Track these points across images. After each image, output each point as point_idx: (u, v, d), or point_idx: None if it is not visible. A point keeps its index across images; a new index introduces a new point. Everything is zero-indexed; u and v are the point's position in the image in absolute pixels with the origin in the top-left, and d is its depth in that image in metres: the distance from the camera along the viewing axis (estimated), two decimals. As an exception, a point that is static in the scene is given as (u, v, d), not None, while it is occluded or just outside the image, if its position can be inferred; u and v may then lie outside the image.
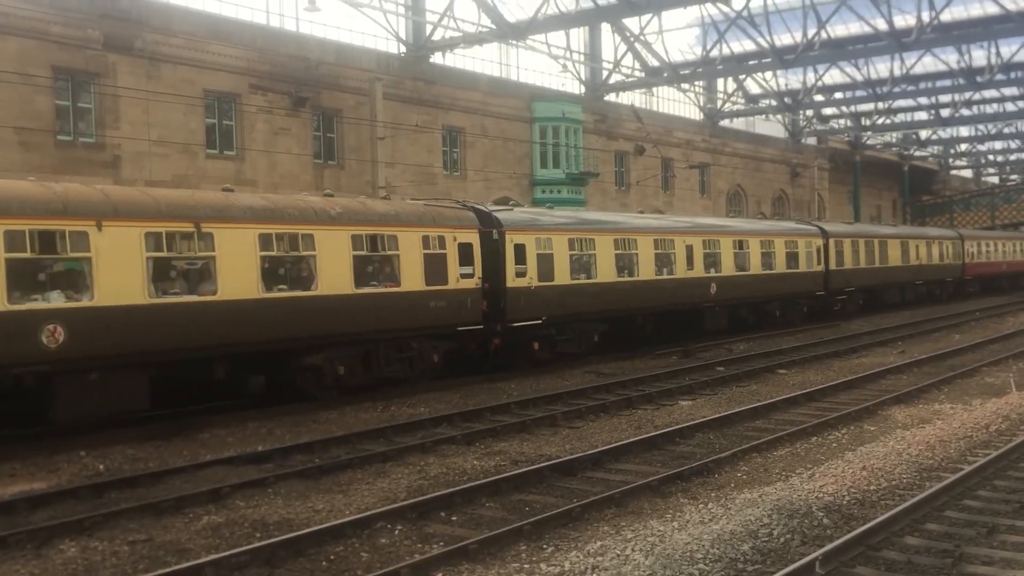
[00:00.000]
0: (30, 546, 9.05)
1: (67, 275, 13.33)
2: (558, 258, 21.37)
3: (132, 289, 13.62)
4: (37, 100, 24.29)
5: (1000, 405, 15.18)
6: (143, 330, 13.77)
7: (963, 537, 8.65)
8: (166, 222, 14.15)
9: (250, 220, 15.29)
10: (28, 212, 12.69)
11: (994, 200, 75.05)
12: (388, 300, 17.39)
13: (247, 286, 15.04)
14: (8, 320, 12.32)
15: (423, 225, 18.39)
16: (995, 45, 43.63)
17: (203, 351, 14.72)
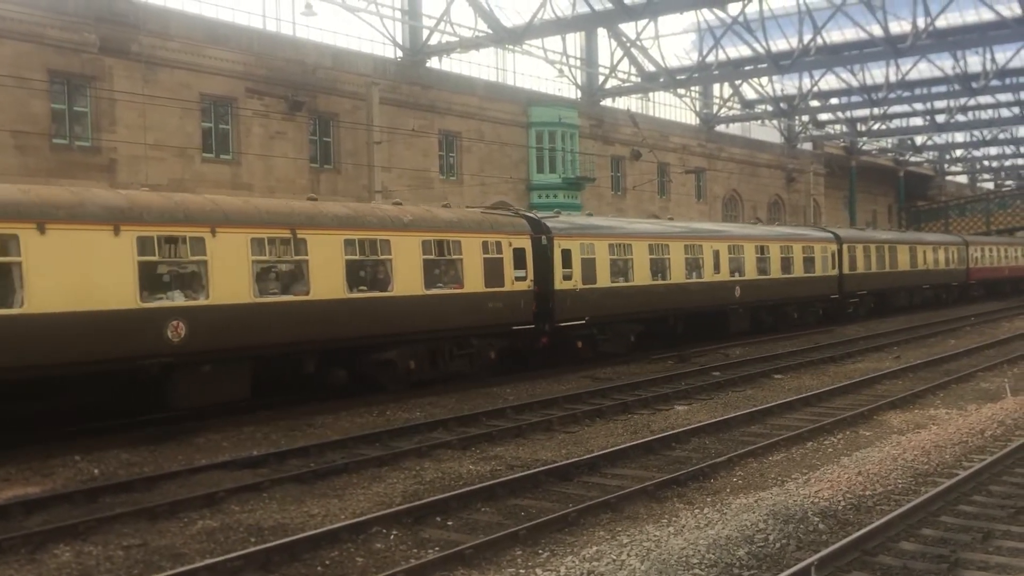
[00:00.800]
0: (24, 551, 9.02)
1: (187, 276, 14.76)
2: (600, 262, 22.79)
3: (240, 289, 15.13)
4: (33, 104, 24.26)
5: (995, 410, 15.21)
6: (248, 326, 15.18)
7: (959, 542, 8.65)
8: (267, 228, 15.66)
9: (336, 227, 16.80)
10: (155, 220, 14.21)
11: (989, 206, 75.22)
12: (453, 301, 18.86)
13: (335, 287, 16.50)
14: (140, 317, 13.84)
15: (483, 231, 19.87)
16: (990, 51, 43.73)
17: (297, 346, 16.19)
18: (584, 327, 22.15)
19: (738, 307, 28.39)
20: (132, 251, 13.83)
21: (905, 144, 69.15)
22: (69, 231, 13.21)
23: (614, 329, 23.51)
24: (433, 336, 18.63)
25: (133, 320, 13.75)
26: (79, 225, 13.37)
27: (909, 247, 41.12)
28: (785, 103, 51.93)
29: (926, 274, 42.45)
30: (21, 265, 12.70)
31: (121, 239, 13.70)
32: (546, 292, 21.14)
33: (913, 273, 41.00)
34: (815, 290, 32.78)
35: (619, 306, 23.27)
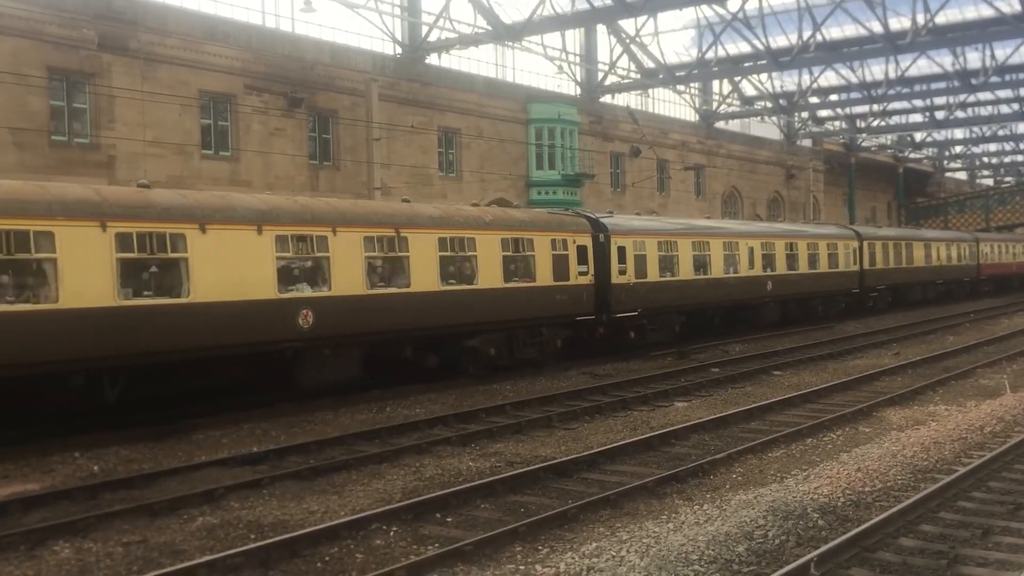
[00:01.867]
0: (24, 547, 9.02)
1: (313, 270, 16.50)
2: (650, 258, 24.67)
3: (355, 282, 16.93)
4: (32, 100, 24.21)
5: (994, 407, 15.22)
6: (361, 315, 16.94)
7: (958, 538, 8.66)
8: (376, 228, 17.45)
9: (431, 226, 18.65)
10: (289, 221, 16.11)
11: (988, 202, 75.20)
12: (526, 293, 20.68)
13: (430, 280, 18.37)
14: (278, 306, 15.63)
15: (551, 230, 21.73)
16: (990, 47, 43.72)
17: (398, 333, 18.07)
18: (636, 318, 23.91)
19: (770, 300, 30.27)
20: (272, 248, 15.67)
21: (904, 141, 69.15)
22: (224, 231, 15.07)
23: (661, 320, 25.25)
24: (510, 325, 20.38)
25: (272, 309, 15.59)
26: (231, 226, 15.23)
27: (924, 244, 42.89)
28: (784, 100, 51.90)
29: (940, 270, 44.22)
30: (188, 260, 14.49)
31: (263, 238, 15.56)
32: (604, 286, 22.86)
33: (928, 269, 42.80)
34: (839, 285, 34.68)
35: (666, 299, 25.14)
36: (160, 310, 14.18)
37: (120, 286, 13.70)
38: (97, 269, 13.43)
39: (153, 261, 14.30)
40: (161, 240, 14.25)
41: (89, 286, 13.33)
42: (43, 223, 13.00)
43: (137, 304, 13.90)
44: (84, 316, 13.23)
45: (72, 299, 13.12)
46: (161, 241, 14.26)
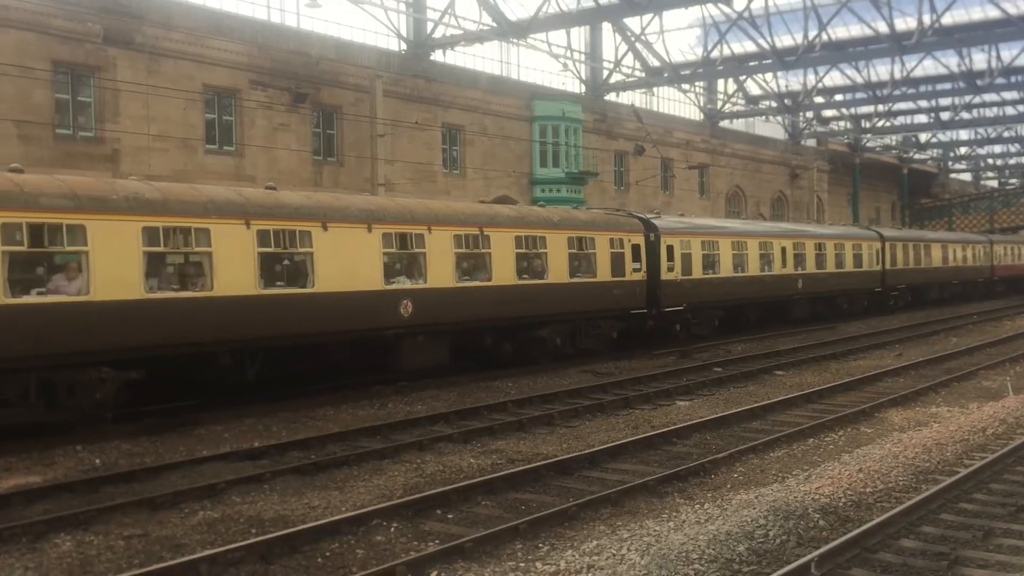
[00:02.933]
0: (25, 540, 9.04)
1: (412, 264, 18.27)
2: (694, 257, 26.32)
3: (446, 275, 18.63)
4: (36, 93, 24.25)
5: (997, 409, 15.19)
6: (450, 306, 18.64)
7: (959, 540, 8.65)
8: (463, 227, 19.14)
9: (509, 225, 20.38)
10: (392, 220, 17.84)
11: (993, 204, 75.03)
12: (588, 288, 22.30)
13: (509, 275, 20.06)
14: (384, 296, 17.38)
15: (609, 230, 23.39)
16: (996, 49, 43.60)
17: (480, 323, 19.66)
18: (682, 312, 25.64)
19: (800, 297, 31.99)
20: (379, 245, 17.36)
21: (909, 141, 68.98)
22: (341, 229, 16.74)
23: (704, 314, 26.97)
24: (574, 317, 22.01)
25: (379, 299, 17.33)
26: (347, 224, 16.89)
27: (942, 245, 44.54)
28: (789, 99, 51.84)
29: (957, 270, 46.01)
30: (313, 255, 16.15)
31: (372, 235, 17.27)
32: (654, 282, 24.49)
33: (945, 270, 44.51)
34: (863, 283, 36.47)
35: (708, 294, 26.84)
36: (290, 299, 15.96)
37: (260, 277, 15.41)
38: (242, 262, 15.15)
39: (285, 255, 16.11)
40: (292, 237, 16.01)
41: (236, 277, 15.04)
42: (201, 221, 14.67)
43: (272, 293, 15.67)
44: (232, 303, 14.96)
45: (223, 288, 14.86)
46: (292, 237, 16.01)
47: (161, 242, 14.20)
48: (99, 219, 13.49)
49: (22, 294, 12.80)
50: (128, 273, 13.73)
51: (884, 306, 38.07)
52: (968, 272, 47.55)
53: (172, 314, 14.20)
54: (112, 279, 13.53)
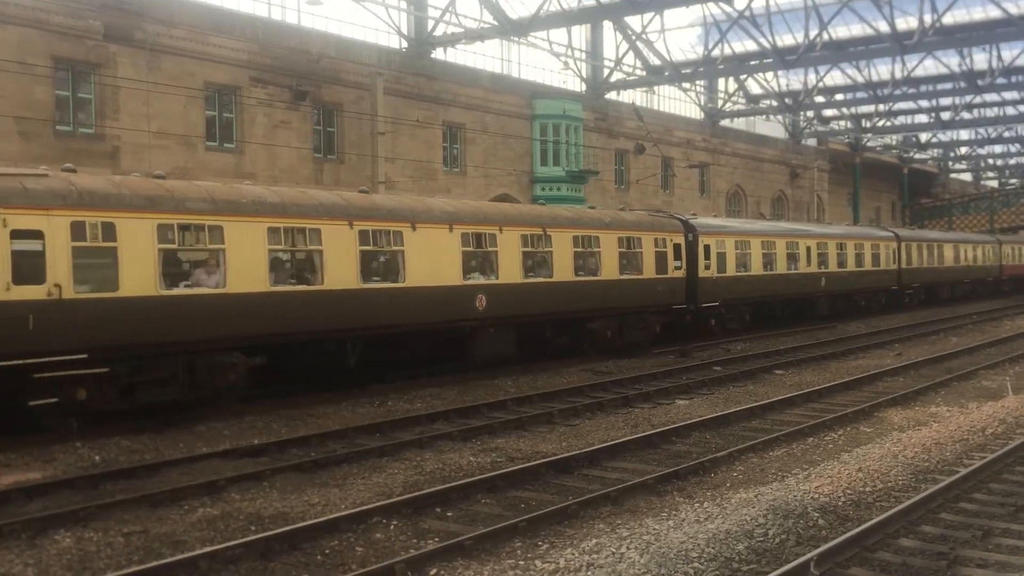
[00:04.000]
0: (25, 536, 9.05)
1: (485, 261, 19.77)
2: (729, 255, 27.91)
3: (515, 272, 20.25)
4: (37, 90, 24.22)
5: (996, 408, 15.19)
6: (518, 300, 20.18)
7: (958, 540, 8.66)
8: (529, 227, 20.75)
9: (568, 226, 21.94)
10: (468, 221, 19.45)
11: (993, 204, 74.99)
12: (636, 284, 23.77)
13: (567, 272, 21.57)
14: (462, 291, 18.91)
15: (654, 230, 24.92)
16: (996, 48, 43.55)
17: (542, 316, 21.20)
18: (717, 308, 27.20)
19: (823, 295, 33.62)
20: (459, 243, 18.89)
21: (910, 141, 68.94)
22: (427, 229, 18.29)
23: (736, 310, 28.50)
24: (622, 312, 23.41)
25: (458, 293, 18.83)
26: (432, 225, 18.45)
27: (953, 245, 46.27)
28: (790, 99, 51.78)
29: (968, 270, 47.71)
30: (404, 253, 17.71)
31: (452, 234, 18.81)
32: (692, 279, 26.02)
33: (957, 269, 46.26)
34: (880, 282, 38.12)
35: (741, 291, 28.43)
36: (385, 292, 17.50)
37: (361, 272, 16.91)
38: (347, 259, 16.67)
39: (381, 253, 17.64)
40: (387, 236, 17.58)
41: (342, 272, 16.55)
42: (313, 222, 16.26)
43: (370, 287, 17.21)
44: (339, 296, 16.48)
45: (331, 282, 16.42)
46: (387, 237, 17.58)
47: (282, 241, 15.88)
48: (233, 220, 15.11)
49: (172, 287, 14.45)
50: (256, 268, 15.37)
51: (900, 304, 39.49)
52: (978, 271, 49.07)
53: (290, 306, 15.85)
54: (244, 274, 15.15)
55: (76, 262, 13.17)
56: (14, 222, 12.60)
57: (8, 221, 12.53)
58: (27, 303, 12.58)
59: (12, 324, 12.39)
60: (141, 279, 13.85)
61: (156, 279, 14.02)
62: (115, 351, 13.55)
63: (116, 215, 13.66)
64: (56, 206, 13.09)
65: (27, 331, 12.53)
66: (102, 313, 13.38)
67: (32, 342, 12.59)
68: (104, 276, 13.53)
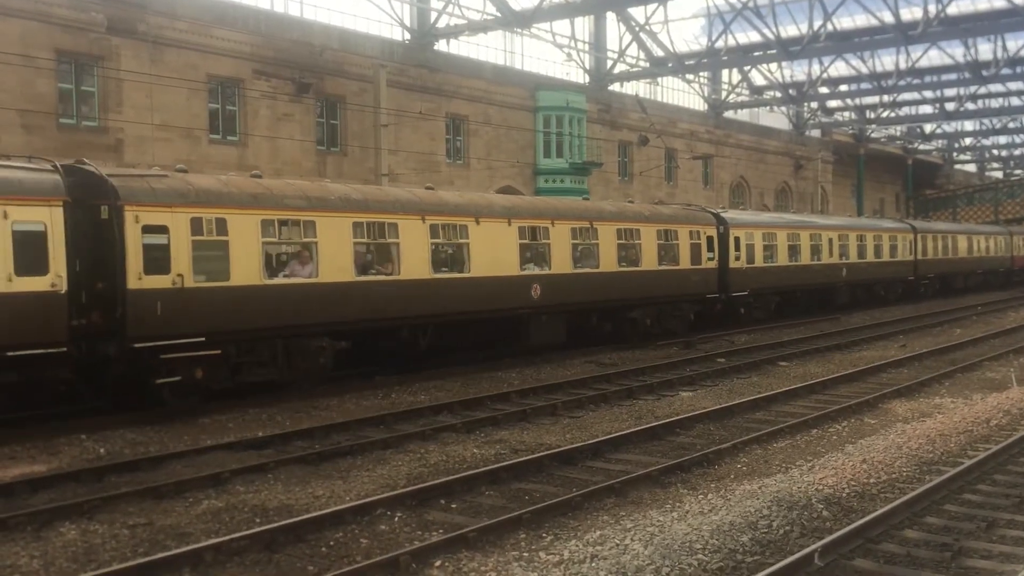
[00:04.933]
0: (30, 528, 9.07)
1: (539, 253, 21.06)
2: (757, 247, 29.26)
3: (566, 263, 21.55)
4: (40, 83, 24.22)
5: (1001, 400, 15.19)
6: (568, 290, 21.48)
7: (962, 531, 8.66)
8: (578, 221, 22.07)
9: (612, 219, 23.22)
10: (525, 215, 20.94)
11: (997, 195, 74.78)
12: (673, 275, 25.12)
13: (612, 263, 22.86)
14: (519, 281, 20.28)
15: (689, 223, 26.21)
16: (1001, 39, 43.37)
17: (588, 304, 22.46)
18: (746, 297, 28.47)
19: (843, 285, 34.78)
20: (516, 236, 20.24)
21: (914, 132, 68.77)
22: (489, 223, 19.61)
23: (763, 299, 29.78)
24: (660, 301, 24.66)
25: (515, 283, 20.22)
26: (493, 219, 19.78)
27: (967, 236, 47.60)
28: (794, 89, 51.64)
29: (980, 260, 48.99)
30: (469, 245, 19.08)
31: (511, 228, 20.16)
32: (723, 270, 27.26)
33: (970, 260, 47.58)
34: (897, 272, 39.47)
35: (767, 281, 29.74)
36: (453, 282, 18.79)
37: (432, 263, 18.26)
38: (419, 251, 18.04)
39: (449, 245, 18.95)
40: (454, 229, 18.95)
41: (415, 263, 17.98)
42: (392, 217, 17.60)
43: (440, 277, 18.50)
44: (413, 285, 17.91)
45: (407, 272, 17.75)
46: (454, 230, 18.95)
47: (365, 234, 17.17)
48: (324, 216, 16.44)
49: (273, 276, 15.83)
50: (343, 259, 16.70)
51: (916, 293, 40.67)
52: (991, 262, 50.28)
53: (372, 294, 17.20)
54: (333, 264, 16.49)
55: (195, 254, 14.54)
56: (145, 218, 13.97)
57: (140, 218, 13.90)
58: (156, 291, 13.99)
59: (144, 310, 13.85)
60: (248, 269, 15.23)
61: (260, 269, 15.45)
62: (226, 335, 14.93)
63: (227, 211, 15.05)
64: (178, 203, 14.45)
65: (156, 316, 13.97)
66: (216, 300, 14.82)
67: (160, 326, 14.01)
68: (217, 267, 14.89)
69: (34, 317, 12.79)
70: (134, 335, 13.72)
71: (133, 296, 13.72)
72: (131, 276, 13.72)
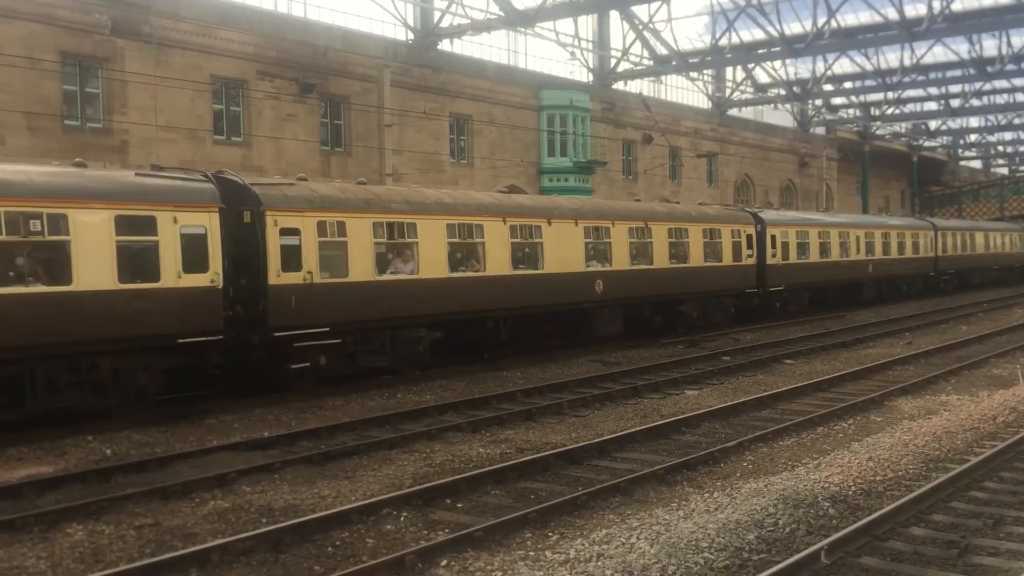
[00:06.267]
0: (37, 529, 9.09)
1: (601, 251, 22.75)
2: (791, 244, 30.90)
3: (625, 260, 23.24)
4: (45, 85, 24.26)
5: (1007, 397, 15.13)
6: (625, 285, 23.13)
7: (969, 528, 8.63)
8: (635, 221, 23.89)
9: (664, 220, 25.16)
10: (589, 216, 22.65)
11: (1003, 191, 74.58)
12: (717, 271, 26.89)
13: (664, 260, 24.68)
14: (584, 277, 22.00)
15: (731, 222, 27.92)
16: (1006, 35, 43.27)
17: (643, 299, 24.29)
18: (782, 292, 30.06)
19: (870, 281, 36.63)
20: (582, 236, 21.96)
21: (919, 129, 68.62)
22: (559, 223, 21.47)
23: (796, 294, 31.36)
24: (705, 295, 26.47)
25: (581, 279, 21.91)
26: (563, 220, 21.64)
27: (984, 233, 49.05)
28: (798, 87, 51.56)
29: (996, 257, 50.61)
30: (542, 244, 20.90)
31: (577, 228, 21.91)
32: (761, 266, 28.93)
33: (987, 256, 49.21)
34: (919, 269, 40.99)
35: (800, 277, 31.22)
36: (530, 278, 20.62)
37: (512, 260, 20.10)
38: (501, 249, 19.87)
39: (526, 244, 20.70)
40: (530, 230, 20.72)
41: (498, 260, 19.80)
42: (478, 219, 19.46)
43: (519, 273, 20.37)
44: (497, 281, 19.72)
45: (491, 269, 19.67)
46: (529, 231, 20.70)
47: (456, 234, 18.95)
48: (423, 218, 18.23)
49: (381, 273, 17.54)
50: (439, 257, 18.54)
51: (936, 289, 42.01)
52: (1007, 258, 51.86)
53: (462, 289, 18.96)
54: (430, 262, 18.33)
55: (321, 254, 16.31)
56: (282, 222, 15.79)
57: (278, 221, 15.72)
58: (291, 286, 15.79)
59: (282, 303, 15.66)
60: (363, 267, 17.05)
61: (372, 267, 17.26)
62: (345, 326, 16.69)
63: (346, 215, 16.88)
64: (307, 208, 16.29)
65: (291, 308, 15.78)
66: (338, 295, 16.61)
67: (294, 317, 15.80)
68: (338, 265, 16.71)
69: (198, 309, 14.62)
70: (274, 325, 15.54)
71: (273, 291, 15.55)
72: (271, 273, 15.52)
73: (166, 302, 14.21)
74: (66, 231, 13.20)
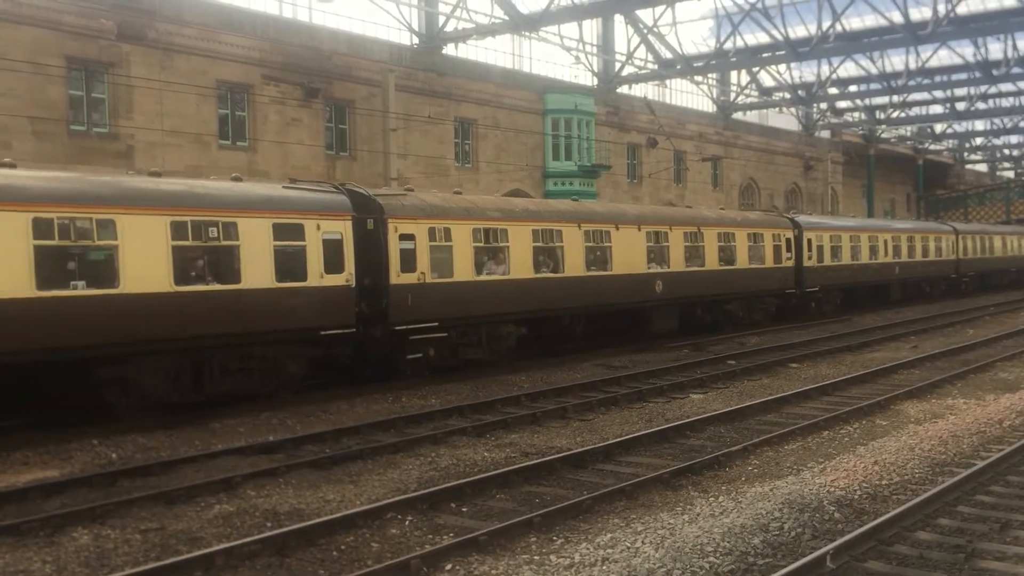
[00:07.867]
0: (43, 533, 9.11)
1: (660, 254, 24.56)
2: (826, 248, 32.62)
3: (680, 262, 25.04)
4: (50, 90, 24.34)
5: (1014, 400, 15.11)
6: (680, 284, 24.78)
7: (975, 532, 8.61)
8: (687, 226, 25.61)
9: (713, 224, 26.81)
10: (651, 222, 24.67)
11: (1009, 195, 74.39)
12: (760, 272, 28.78)
13: (714, 262, 26.41)
14: (646, 278, 23.80)
15: (771, 227, 29.82)
16: (1012, 38, 43.14)
17: (695, 298, 25.90)
18: (817, 292, 31.74)
19: (896, 282, 38.44)
20: (644, 240, 23.80)
21: (924, 132, 68.47)
22: (625, 228, 23.35)
23: (830, 295, 32.96)
24: (749, 295, 28.28)
25: (644, 279, 23.71)
26: (628, 225, 23.49)
27: (1001, 237, 51.23)
28: (803, 90, 51.53)
29: (1014, 259, 52.36)
30: (611, 248, 22.71)
31: (640, 233, 23.75)
32: (799, 268, 30.65)
33: (1005, 258, 51.15)
34: (942, 270, 42.90)
35: (834, 278, 33.01)
36: (601, 279, 22.39)
37: (585, 263, 21.88)
38: (576, 252, 21.66)
39: (597, 248, 22.41)
40: (601, 235, 22.55)
41: (574, 263, 21.57)
42: (557, 224, 21.39)
43: (591, 275, 22.12)
44: (573, 281, 21.48)
45: (569, 270, 21.42)
46: (600, 235, 22.52)
47: (540, 239, 20.78)
48: (513, 224, 20.22)
49: (479, 274, 19.38)
50: (526, 259, 20.39)
51: (958, 290, 43.71)
52: (1023, 261, 53.56)
53: (545, 289, 20.74)
54: (519, 264, 20.19)
55: (431, 256, 18.19)
56: (401, 228, 17.71)
57: (398, 228, 17.64)
58: (408, 286, 17.74)
59: (401, 300, 17.59)
60: (464, 268, 18.90)
61: (472, 268, 19.08)
62: (450, 321, 18.49)
63: (451, 222, 18.79)
64: (420, 216, 18.23)
65: (408, 305, 17.67)
66: (445, 293, 18.40)
67: (410, 313, 17.71)
68: (444, 266, 18.56)
69: (336, 305, 16.57)
70: (394, 320, 17.46)
71: (394, 290, 17.47)
72: (392, 274, 17.44)
73: (312, 299, 16.14)
74: (235, 236, 15.16)
